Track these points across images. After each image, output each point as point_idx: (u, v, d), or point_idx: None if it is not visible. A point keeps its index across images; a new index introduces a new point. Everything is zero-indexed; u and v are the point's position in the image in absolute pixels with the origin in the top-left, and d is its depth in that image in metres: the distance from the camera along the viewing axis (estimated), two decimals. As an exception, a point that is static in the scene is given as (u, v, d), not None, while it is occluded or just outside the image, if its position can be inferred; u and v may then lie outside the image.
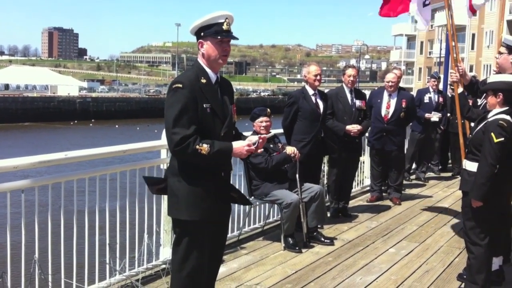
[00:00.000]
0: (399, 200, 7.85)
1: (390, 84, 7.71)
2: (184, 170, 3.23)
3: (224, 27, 3.25)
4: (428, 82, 10.34)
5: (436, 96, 9.74)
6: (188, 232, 3.27)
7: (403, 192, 8.75)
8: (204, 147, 3.09)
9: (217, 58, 3.29)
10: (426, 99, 9.66)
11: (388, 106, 7.65)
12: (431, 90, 9.79)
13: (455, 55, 6.59)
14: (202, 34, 3.27)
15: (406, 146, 9.34)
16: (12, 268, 3.70)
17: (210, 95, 3.25)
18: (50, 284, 3.93)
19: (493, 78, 4.47)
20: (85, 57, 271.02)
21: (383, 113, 7.65)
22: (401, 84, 9.17)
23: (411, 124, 9.57)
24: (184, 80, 3.19)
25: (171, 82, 3.23)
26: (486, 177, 4.10)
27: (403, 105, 7.65)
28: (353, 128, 6.64)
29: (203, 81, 3.24)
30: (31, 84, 61.52)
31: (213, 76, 3.32)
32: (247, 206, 5.90)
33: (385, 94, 7.74)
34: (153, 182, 3.54)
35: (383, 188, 8.19)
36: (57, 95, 54.29)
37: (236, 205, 4.62)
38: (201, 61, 3.33)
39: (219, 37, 3.24)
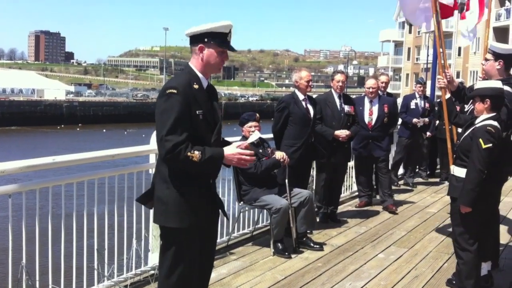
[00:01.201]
0: (395, 206, 7.78)
1: (370, 90, 7.71)
2: (173, 177, 3.16)
3: (228, 38, 3.27)
4: (414, 87, 10.41)
5: (423, 102, 9.79)
6: (176, 240, 3.21)
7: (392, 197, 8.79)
8: (196, 154, 3.02)
9: (215, 66, 3.28)
10: (412, 105, 9.70)
11: (370, 112, 7.66)
12: (417, 95, 9.84)
13: (442, 61, 6.65)
14: (205, 40, 3.22)
15: (393, 150, 9.37)
16: (-1, 273, 3.66)
17: (202, 101, 3.20)
18: (37, 290, 3.88)
19: (480, 84, 4.50)
20: (72, 61, 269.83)
21: (366, 120, 7.65)
22: (389, 90, 9.21)
23: (398, 129, 9.63)
24: (177, 85, 3.12)
25: (164, 86, 3.17)
26: (475, 183, 4.12)
27: (385, 110, 7.69)
28: (342, 133, 6.65)
29: (196, 86, 3.19)
30: (18, 87, 61.11)
31: (204, 82, 3.28)
32: (236, 211, 5.89)
33: (366, 101, 7.75)
34: (145, 199, 3.41)
35: (370, 193, 8.19)
36: (44, 99, 53.95)
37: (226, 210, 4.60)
38: (194, 65, 3.28)
39: (222, 48, 3.24)
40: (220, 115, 3.38)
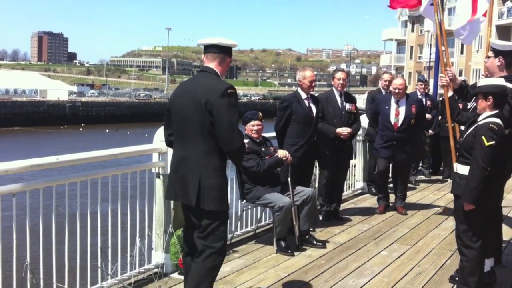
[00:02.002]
0: (405, 209, 7.57)
1: (397, 91, 7.42)
2: (218, 168, 3.62)
3: None
4: (416, 86, 10.40)
5: (424, 100, 9.79)
6: (224, 221, 3.71)
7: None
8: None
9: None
10: None
11: (397, 113, 7.33)
12: (419, 93, 9.83)
13: (445, 60, 6.67)
14: (227, 53, 3.76)
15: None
16: (3, 272, 3.67)
17: None
18: (41, 288, 3.90)
19: (483, 81, 4.50)
20: (74, 61, 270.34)
21: (392, 121, 7.33)
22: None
23: None
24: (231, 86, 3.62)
25: (225, 86, 3.54)
26: (478, 180, 4.12)
27: (413, 111, 7.34)
28: (343, 130, 6.66)
29: None
30: (20, 88, 61.20)
31: None
32: (239, 209, 5.92)
33: (393, 101, 7.43)
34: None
35: (388, 196, 7.93)
36: (47, 100, 53.96)
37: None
38: (219, 72, 3.75)
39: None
40: None
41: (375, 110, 7.60)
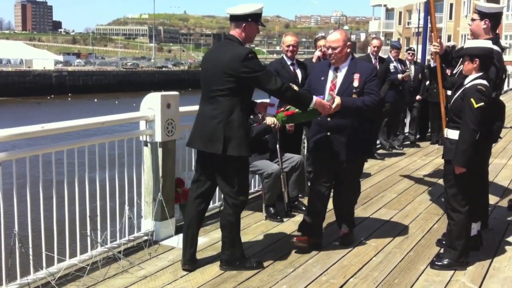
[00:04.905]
0: (350, 238, 4.98)
1: (330, 51, 4.67)
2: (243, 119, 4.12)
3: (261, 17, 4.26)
4: (389, 52, 10.07)
5: (399, 65, 9.69)
6: (246, 165, 4.32)
7: (383, 160, 8.85)
8: (294, 87, 4.26)
9: (252, 38, 4.28)
10: (392, 68, 9.48)
11: (332, 86, 4.68)
12: (392, 59, 9.63)
13: (429, 25, 6.60)
14: (249, 19, 4.15)
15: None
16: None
17: None
18: (31, 257, 3.89)
19: (470, 43, 4.48)
20: (60, 30, 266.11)
21: (325, 98, 4.58)
22: (381, 54, 9.12)
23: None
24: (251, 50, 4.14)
25: (246, 52, 4.05)
26: (468, 143, 4.12)
27: (356, 83, 4.61)
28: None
29: None
30: (5, 58, 60.16)
31: None
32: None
33: (331, 70, 4.76)
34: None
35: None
36: (33, 69, 53.21)
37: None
38: (239, 37, 4.20)
39: (258, 25, 4.24)
40: None
41: (307, 85, 4.95)
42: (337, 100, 4.47)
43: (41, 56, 56.51)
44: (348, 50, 4.71)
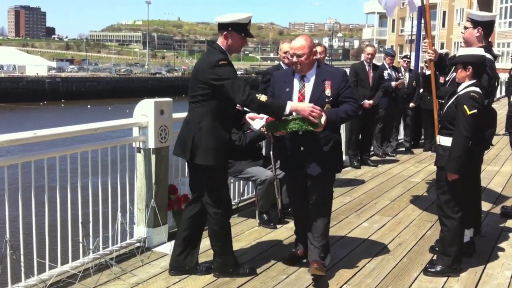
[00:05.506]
0: (323, 269, 4.16)
1: (295, 59, 4.21)
2: (209, 128, 4.05)
3: (248, 27, 4.12)
4: (383, 59, 10.14)
5: (393, 72, 9.75)
6: (221, 174, 4.26)
7: (376, 167, 8.86)
8: (263, 97, 3.97)
9: (236, 49, 4.18)
10: (385, 75, 9.51)
11: (301, 97, 4.23)
12: (387, 66, 9.70)
13: (423, 33, 6.64)
14: (229, 28, 4.04)
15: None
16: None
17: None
18: (22, 264, 3.86)
19: (462, 51, 4.51)
20: (53, 36, 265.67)
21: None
22: (375, 61, 9.14)
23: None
24: (225, 58, 4.02)
25: (217, 58, 3.96)
26: (461, 149, 4.13)
27: (328, 91, 4.18)
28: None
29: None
30: (-2, 64, 60.01)
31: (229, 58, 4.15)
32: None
33: (296, 78, 4.31)
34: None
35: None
36: (26, 75, 53.02)
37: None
38: (222, 46, 4.10)
39: (241, 35, 4.10)
40: None
41: (271, 92, 4.46)
42: (323, 118, 3.95)
43: (34, 62, 56.46)
44: (315, 57, 4.28)
